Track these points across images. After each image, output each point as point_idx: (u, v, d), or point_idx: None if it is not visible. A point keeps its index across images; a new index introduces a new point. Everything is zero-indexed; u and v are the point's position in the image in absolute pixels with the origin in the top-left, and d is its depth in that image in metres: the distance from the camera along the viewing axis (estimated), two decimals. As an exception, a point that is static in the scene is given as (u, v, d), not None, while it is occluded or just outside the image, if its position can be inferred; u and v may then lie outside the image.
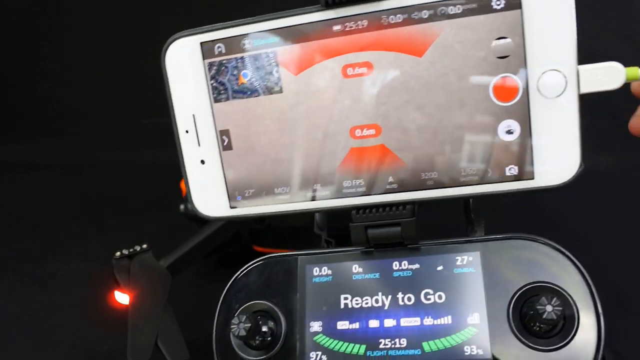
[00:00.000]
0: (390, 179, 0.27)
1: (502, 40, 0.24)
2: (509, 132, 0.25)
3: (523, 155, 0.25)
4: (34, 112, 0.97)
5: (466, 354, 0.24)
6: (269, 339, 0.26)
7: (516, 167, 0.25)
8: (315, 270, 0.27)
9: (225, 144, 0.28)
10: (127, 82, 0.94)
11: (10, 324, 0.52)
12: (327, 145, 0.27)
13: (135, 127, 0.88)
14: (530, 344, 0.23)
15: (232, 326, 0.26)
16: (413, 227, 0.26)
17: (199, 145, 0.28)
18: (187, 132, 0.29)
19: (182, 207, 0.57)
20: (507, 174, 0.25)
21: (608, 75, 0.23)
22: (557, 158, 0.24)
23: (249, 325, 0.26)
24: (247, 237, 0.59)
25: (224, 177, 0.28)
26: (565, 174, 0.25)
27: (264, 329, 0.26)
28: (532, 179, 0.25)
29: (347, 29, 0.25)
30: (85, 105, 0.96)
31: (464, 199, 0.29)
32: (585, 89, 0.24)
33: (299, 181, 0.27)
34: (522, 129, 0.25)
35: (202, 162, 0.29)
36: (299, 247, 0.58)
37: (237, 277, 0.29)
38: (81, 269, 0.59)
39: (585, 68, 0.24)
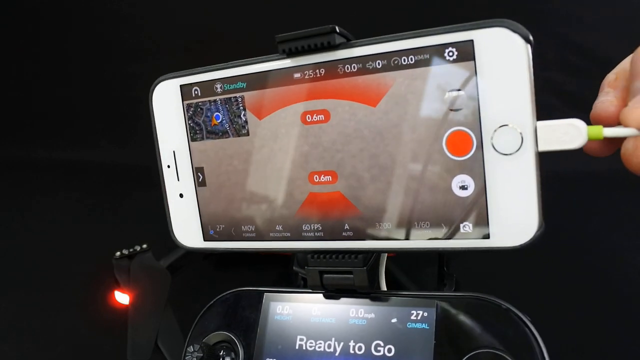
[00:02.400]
0: (346, 226, 0.27)
1: (455, 92, 0.23)
2: (463, 187, 0.24)
3: (478, 212, 0.24)
4: (34, 112, 0.97)
5: None
6: None
7: (470, 225, 0.24)
8: (279, 308, 0.28)
9: (200, 180, 0.30)
10: (127, 82, 0.94)
11: (10, 324, 0.52)
12: (288, 188, 0.28)
13: (135, 127, 0.88)
14: None
15: (187, 355, 0.27)
16: (364, 277, 0.26)
17: (178, 180, 0.30)
18: (168, 167, 0.30)
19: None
20: (462, 230, 0.24)
21: (568, 134, 0.22)
22: (514, 218, 0.23)
23: (201, 355, 0.27)
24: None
25: (199, 211, 0.30)
26: (523, 236, 0.23)
27: (226, 359, 0.28)
28: (488, 238, 0.24)
29: (306, 77, 0.26)
30: (85, 105, 0.96)
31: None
32: (543, 147, 0.23)
33: (262, 221, 0.29)
34: (476, 185, 0.24)
35: (181, 195, 0.30)
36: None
37: (208, 307, 0.31)
38: (81, 269, 0.59)
39: (544, 124, 0.23)
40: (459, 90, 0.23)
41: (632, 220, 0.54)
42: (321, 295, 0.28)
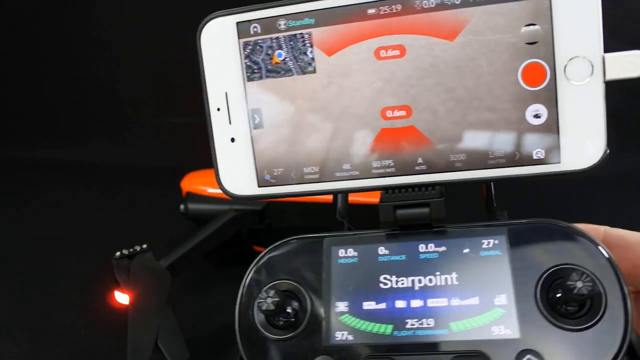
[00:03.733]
0: (420, 160, 0.27)
1: (531, 27, 0.25)
2: (537, 116, 0.26)
3: (549, 139, 0.26)
4: (34, 112, 0.97)
5: (494, 334, 0.24)
6: (293, 319, 0.26)
7: (543, 151, 0.26)
8: (341, 252, 0.27)
9: (256, 122, 0.28)
10: (127, 82, 0.94)
11: (10, 324, 0.52)
12: (358, 125, 0.27)
13: (135, 127, 0.88)
14: (559, 324, 0.24)
15: (260, 300, 0.26)
16: (442, 208, 0.26)
17: (229, 123, 0.29)
18: (218, 110, 0.29)
19: (182, 207, 0.58)
20: (534, 157, 0.26)
21: (633, 63, 0.24)
22: (583, 142, 0.25)
23: (277, 299, 0.26)
24: (247, 237, 0.59)
25: (254, 155, 0.29)
26: (591, 158, 0.25)
27: (289, 309, 0.26)
28: (559, 162, 0.26)
29: (381, 13, 0.26)
30: (84, 105, 0.96)
31: (486, 186, 0.30)
32: (610, 76, 0.24)
33: (328, 161, 0.28)
34: (549, 113, 0.25)
35: (232, 140, 0.29)
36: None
37: (261, 257, 0.29)
38: (81, 269, 0.59)
39: (611, 56, 0.24)
40: (534, 24, 0.25)
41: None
42: (384, 235, 0.27)
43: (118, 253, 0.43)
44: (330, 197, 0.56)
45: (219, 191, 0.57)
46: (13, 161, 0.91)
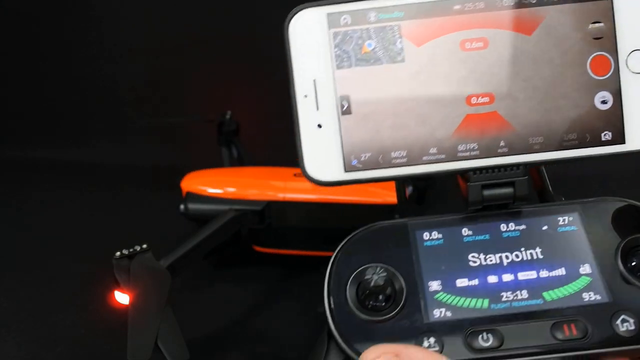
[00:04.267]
0: (502, 143, 0.29)
1: (596, 24, 0.29)
2: (604, 102, 0.29)
3: (615, 122, 0.29)
4: (33, 112, 0.97)
5: (585, 300, 0.26)
6: (389, 301, 0.27)
7: (610, 133, 0.29)
8: (426, 235, 0.29)
9: (344, 108, 0.29)
10: (127, 82, 0.94)
11: (10, 324, 0.52)
12: (444, 111, 0.29)
13: (135, 127, 0.88)
14: None
15: (362, 280, 0.27)
16: (526, 186, 0.29)
17: (317, 109, 0.29)
18: (305, 96, 0.30)
19: (182, 207, 0.58)
20: (603, 139, 0.29)
21: None
22: None
23: (385, 275, 0.27)
24: (247, 237, 0.59)
25: (341, 141, 0.29)
26: None
27: (386, 290, 0.27)
28: (624, 143, 0.29)
29: (465, 9, 0.29)
30: (84, 105, 0.96)
31: (538, 173, 0.33)
32: None
33: (416, 146, 0.29)
34: (614, 99, 0.29)
35: (319, 126, 0.30)
36: (298, 248, 0.59)
37: (346, 243, 0.29)
38: (81, 269, 0.59)
39: None
40: (599, 22, 0.29)
41: None
42: (465, 217, 0.29)
43: (118, 253, 0.43)
44: (329, 198, 0.57)
45: (219, 191, 0.58)
46: (13, 161, 0.91)
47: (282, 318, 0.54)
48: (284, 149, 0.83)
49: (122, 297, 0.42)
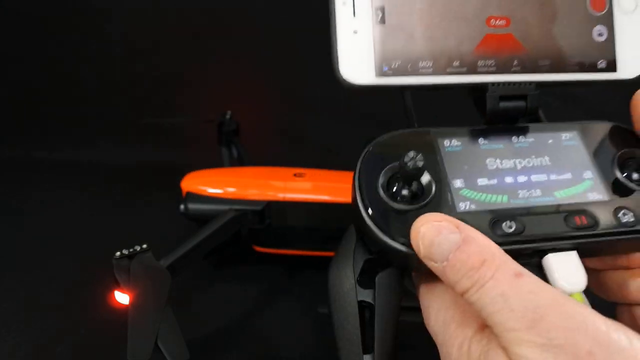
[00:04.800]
0: (515, 62, 0.33)
1: None
2: (600, 34, 0.34)
3: (609, 52, 0.34)
4: (33, 112, 0.97)
5: (590, 198, 0.30)
6: (419, 192, 0.29)
7: (605, 61, 0.34)
8: (447, 142, 0.32)
9: (379, 18, 0.32)
10: (128, 82, 0.94)
11: (10, 324, 0.52)
12: (467, 28, 0.33)
13: (135, 127, 0.88)
14: (638, 187, 0.30)
15: (407, 157, 0.28)
16: (537, 99, 0.33)
17: (354, 16, 0.32)
18: (344, 3, 0.32)
19: (182, 207, 0.58)
20: (599, 66, 0.34)
21: None
22: (632, 56, 0.34)
23: (422, 162, 0.28)
24: (247, 237, 0.59)
25: (374, 47, 0.32)
26: (638, 70, 0.34)
27: (418, 181, 0.29)
28: (616, 71, 0.34)
29: None
30: (84, 105, 0.96)
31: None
32: None
33: (441, 57, 0.32)
34: (608, 33, 0.34)
35: (355, 32, 0.32)
36: (298, 248, 0.59)
37: (372, 144, 0.31)
38: (81, 269, 0.59)
39: None
40: None
41: None
42: (479, 129, 0.32)
43: (118, 253, 0.43)
44: (328, 198, 0.57)
45: (219, 191, 0.58)
46: (13, 161, 0.91)
47: (282, 318, 0.54)
48: (284, 149, 0.84)
49: (122, 297, 0.42)
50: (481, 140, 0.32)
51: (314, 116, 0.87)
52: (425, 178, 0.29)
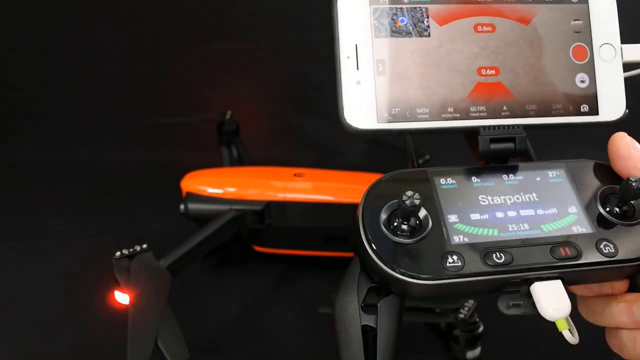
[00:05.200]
0: (505, 107, 0.36)
1: (577, 21, 0.37)
2: (582, 81, 0.37)
3: (591, 97, 0.36)
4: (33, 112, 0.97)
5: (574, 231, 0.32)
6: (417, 227, 0.32)
7: (587, 106, 0.36)
8: (442, 180, 0.34)
9: (380, 70, 0.35)
10: (127, 82, 0.94)
11: (10, 323, 0.52)
12: (460, 78, 0.36)
13: (135, 127, 0.88)
14: (620, 222, 0.32)
15: (405, 196, 0.31)
16: (525, 141, 0.35)
17: (357, 69, 0.35)
18: (348, 57, 0.35)
19: (182, 207, 0.58)
20: (582, 110, 0.36)
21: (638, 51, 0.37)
22: (612, 102, 0.37)
23: (420, 200, 0.31)
24: (247, 237, 0.59)
25: (376, 96, 0.35)
26: (618, 113, 0.36)
27: (416, 218, 0.32)
28: (598, 114, 0.36)
29: (479, 0, 0.37)
30: (85, 105, 0.96)
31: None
32: (626, 59, 0.37)
33: (436, 105, 0.35)
34: (590, 80, 0.37)
35: (358, 83, 0.35)
36: (298, 248, 0.59)
37: (374, 185, 0.34)
38: (81, 269, 0.59)
39: (625, 46, 0.37)
40: (579, 20, 0.37)
41: None
42: (472, 169, 0.35)
43: (118, 253, 0.43)
44: (328, 198, 0.57)
45: (219, 191, 0.58)
46: (13, 161, 0.91)
47: (282, 318, 0.54)
48: (284, 149, 0.84)
49: (122, 297, 0.42)
50: (474, 179, 0.35)
51: (314, 116, 0.87)
52: (422, 214, 0.32)
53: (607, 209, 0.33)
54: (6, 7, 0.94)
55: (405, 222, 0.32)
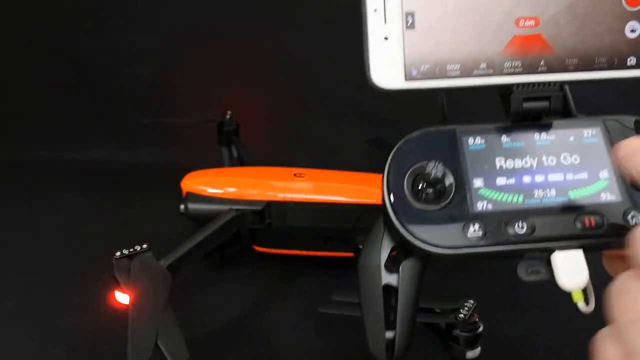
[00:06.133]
0: (542, 62, 0.33)
1: None
2: (633, 30, 0.33)
3: None
4: (33, 112, 0.97)
5: (602, 199, 0.31)
6: (440, 193, 0.31)
7: (635, 58, 0.33)
8: (471, 140, 0.33)
9: (409, 23, 0.33)
10: (128, 83, 0.94)
11: (10, 323, 0.52)
12: (495, 31, 0.33)
13: (135, 127, 0.88)
14: None
15: (427, 171, 0.31)
16: (560, 101, 0.33)
17: (385, 22, 0.33)
18: (375, 10, 0.33)
19: (182, 207, 0.58)
20: (628, 63, 0.33)
21: None
22: None
23: (438, 174, 0.30)
24: (247, 237, 0.59)
25: (404, 52, 0.33)
26: None
27: (439, 183, 0.31)
28: None
29: None
30: (84, 105, 0.96)
31: (564, 96, 0.36)
32: None
33: (468, 60, 0.33)
34: None
35: (386, 38, 0.33)
36: (298, 248, 0.59)
37: (402, 143, 0.33)
38: (81, 269, 0.59)
39: None
40: None
41: None
42: (503, 127, 0.33)
43: (118, 253, 0.43)
44: (329, 198, 0.57)
45: (219, 191, 0.58)
46: (13, 161, 0.91)
47: (282, 318, 0.54)
48: (284, 149, 0.84)
49: (122, 297, 0.42)
50: (504, 138, 0.33)
51: (314, 116, 0.87)
52: (447, 180, 0.31)
53: None
54: (6, 7, 0.94)
55: (430, 188, 0.31)
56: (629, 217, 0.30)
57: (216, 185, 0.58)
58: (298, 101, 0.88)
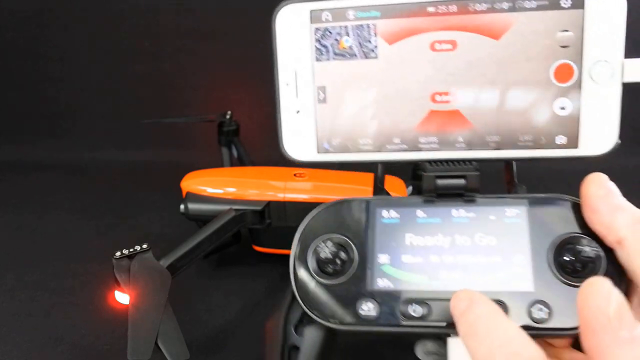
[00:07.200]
0: (460, 139, 0.31)
1: (565, 33, 0.30)
2: (562, 108, 0.30)
3: (571, 128, 0.31)
4: (34, 112, 0.97)
5: (509, 288, 0.29)
6: (341, 267, 0.31)
7: (564, 137, 0.31)
8: (385, 213, 0.31)
9: (320, 97, 0.32)
10: (127, 82, 0.94)
11: (10, 323, 0.52)
12: (410, 106, 0.31)
13: (135, 127, 0.88)
14: (567, 281, 0.28)
15: (318, 248, 0.30)
16: (476, 181, 0.31)
17: (296, 96, 0.32)
18: (287, 84, 0.32)
19: (182, 207, 0.58)
20: (557, 142, 0.31)
21: None
22: (599, 132, 0.30)
23: (334, 249, 0.30)
24: (247, 237, 0.59)
25: (316, 126, 0.33)
26: (605, 147, 0.30)
27: (339, 258, 0.31)
28: (577, 147, 0.31)
29: (438, 11, 0.30)
30: (85, 105, 0.96)
31: (509, 164, 0.34)
32: (627, 79, 0.29)
33: (381, 135, 0.32)
34: (573, 106, 0.30)
35: (297, 111, 0.33)
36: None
37: (313, 215, 0.33)
38: (81, 269, 0.59)
39: (629, 61, 0.29)
40: (568, 31, 0.30)
41: None
42: (422, 200, 0.32)
43: (118, 253, 0.43)
44: (329, 198, 0.57)
45: (219, 191, 0.58)
46: (13, 161, 0.91)
47: (282, 318, 0.54)
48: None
49: (122, 297, 0.42)
50: (419, 213, 0.31)
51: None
52: (347, 255, 0.31)
53: (560, 264, 0.29)
54: (7, 7, 0.94)
55: (329, 263, 0.31)
56: (534, 308, 0.28)
57: (216, 185, 0.58)
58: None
